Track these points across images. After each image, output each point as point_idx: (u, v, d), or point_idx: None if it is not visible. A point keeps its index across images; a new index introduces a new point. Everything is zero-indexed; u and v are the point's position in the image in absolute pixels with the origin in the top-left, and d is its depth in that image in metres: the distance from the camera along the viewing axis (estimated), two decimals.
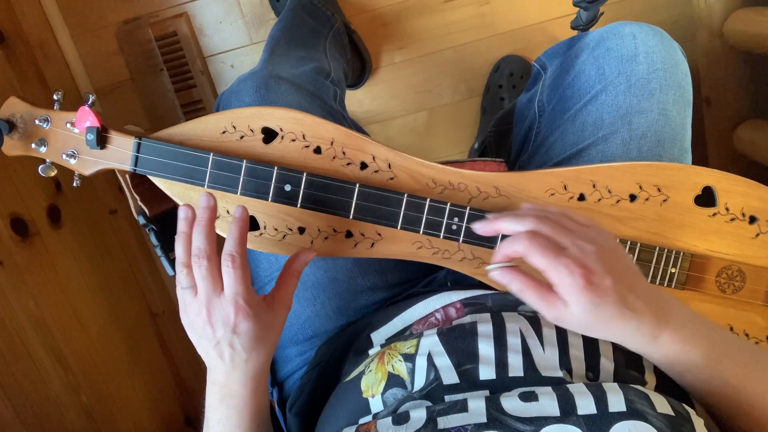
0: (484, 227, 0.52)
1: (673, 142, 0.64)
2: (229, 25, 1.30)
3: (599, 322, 0.47)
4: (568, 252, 0.46)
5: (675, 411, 0.41)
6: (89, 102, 0.58)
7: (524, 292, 0.48)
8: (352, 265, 0.69)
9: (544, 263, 0.46)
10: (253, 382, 0.55)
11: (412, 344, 0.52)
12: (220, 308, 0.52)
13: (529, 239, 0.47)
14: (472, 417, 0.42)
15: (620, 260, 0.48)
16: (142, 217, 0.64)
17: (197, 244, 0.52)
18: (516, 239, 0.48)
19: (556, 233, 0.48)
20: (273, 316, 0.55)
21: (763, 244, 0.60)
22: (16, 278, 0.97)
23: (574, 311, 0.46)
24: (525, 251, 0.47)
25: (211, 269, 0.52)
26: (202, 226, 0.53)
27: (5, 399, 0.89)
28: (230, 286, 0.52)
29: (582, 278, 0.45)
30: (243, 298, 0.52)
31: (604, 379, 0.49)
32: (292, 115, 0.59)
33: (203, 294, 0.52)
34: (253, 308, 0.53)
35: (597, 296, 0.45)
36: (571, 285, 0.45)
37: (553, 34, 1.27)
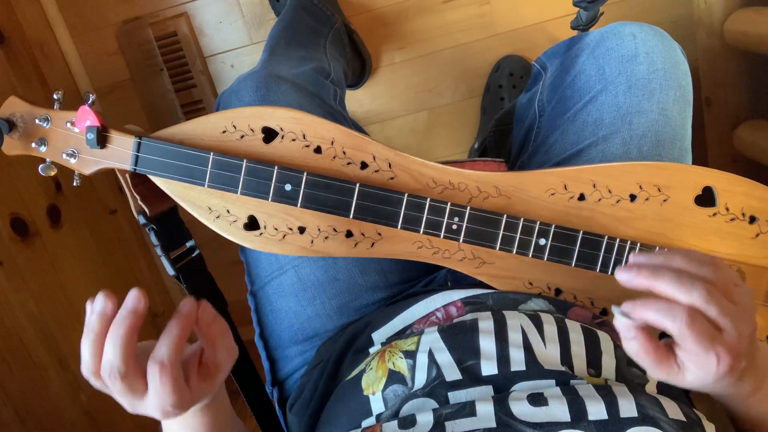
0: (634, 279, 0.44)
1: (673, 142, 0.64)
2: (229, 25, 1.30)
3: (707, 388, 0.44)
4: (724, 337, 0.41)
5: (686, 416, 0.41)
6: (89, 101, 0.58)
7: (638, 356, 0.43)
8: (352, 265, 0.69)
9: (696, 350, 0.41)
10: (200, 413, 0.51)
11: (413, 341, 0.52)
12: (147, 412, 0.44)
13: (690, 325, 0.40)
14: (481, 422, 0.41)
15: (755, 333, 0.44)
16: (142, 217, 0.63)
17: (109, 358, 0.42)
18: (672, 315, 0.40)
19: (721, 314, 0.41)
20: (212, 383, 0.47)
21: (763, 244, 0.60)
22: (16, 278, 0.97)
23: (689, 378, 0.43)
24: (679, 334, 0.41)
25: (127, 386, 0.42)
26: (117, 336, 0.42)
27: (5, 399, 0.89)
28: (156, 399, 0.42)
29: (728, 367, 0.41)
30: (171, 405, 0.43)
31: (606, 376, 0.49)
32: (293, 114, 0.59)
33: (123, 402, 0.45)
34: (185, 405, 0.44)
35: (726, 377, 0.42)
36: (711, 370, 0.41)
37: (553, 34, 1.27)
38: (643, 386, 0.50)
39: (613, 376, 0.49)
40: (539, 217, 0.59)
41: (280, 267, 0.69)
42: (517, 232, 0.58)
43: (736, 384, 0.44)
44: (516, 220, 0.58)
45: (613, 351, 0.51)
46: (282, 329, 0.71)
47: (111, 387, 0.43)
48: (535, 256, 0.59)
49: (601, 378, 0.48)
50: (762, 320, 0.62)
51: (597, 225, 0.59)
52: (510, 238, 0.59)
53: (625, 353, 0.51)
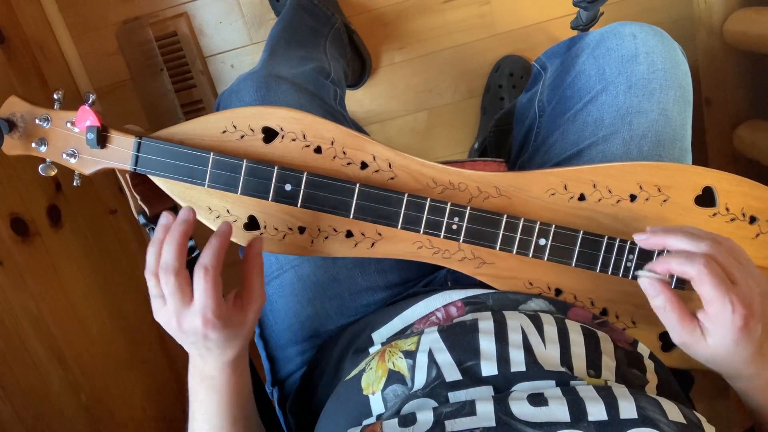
0: (649, 239, 0.50)
1: (673, 142, 0.64)
2: (229, 25, 1.30)
3: (727, 358, 0.47)
4: (738, 288, 0.45)
5: (687, 419, 0.41)
6: (89, 101, 0.58)
7: (666, 311, 0.47)
8: (352, 265, 0.69)
9: (713, 294, 0.45)
10: (228, 367, 0.56)
11: (413, 341, 0.52)
12: (189, 320, 0.51)
13: (706, 265, 0.45)
14: (481, 421, 0.41)
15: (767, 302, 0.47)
16: (142, 217, 0.63)
17: (165, 258, 0.51)
18: (691, 260, 0.45)
19: (731, 265, 0.46)
20: (244, 316, 0.55)
21: (763, 244, 0.60)
22: (16, 278, 0.97)
23: (710, 343, 0.46)
24: (698, 276, 0.45)
25: (178, 284, 0.50)
26: (174, 238, 0.51)
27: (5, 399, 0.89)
28: (199, 300, 0.50)
29: (742, 319, 0.44)
30: (212, 312, 0.50)
31: (606, 377, 0.49)
32: (293, 114, 0.59)
33: (171, 306, 0.51)
34: (222, 318, 0.51)
35: (744, 338, 0.45)
36: (728, 321, 0.44)
37: (553, 34, 1.27)
38: (643, 387, 0.50)
39: (613, 377, 0.49)
40: (539, 218, 0.59)
41: (280, 267, 0.69)
42: (518, 232, 0.58)
43: (756, 358, 0.46)
44: (516, 220, 0.58)
45: (613, 352, 0.51)
46: (282, 329, 0.71)
47: (165, 285, 0.50)
48: (535, 256, 0.59)
49: (601, 379, 0.48)
50: None
51: (597, 225, 0.59)
52: (510, 238, 0.59)
53: (624, 354, 0.51)
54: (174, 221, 0.53)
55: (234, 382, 0.57)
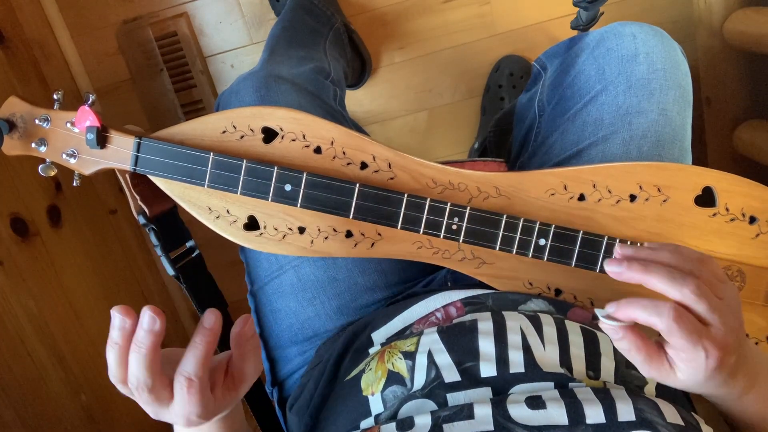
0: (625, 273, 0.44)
1: (673, 142, 0.64)
2: (229, 25, 1.30)
3: (699, 387, 0.45)
4: (711, 331, 0.42)
5: (685, 421, 0.41)
6: (89, 101, 0.58)
7: (630, 353, 0.44)
8: (352, 265, 0.69)
9: (683, 344, 0.41)
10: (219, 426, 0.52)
11: (413, 342, 0.52)
12: (168, 418, 0.46)
13: (677, 320, 0.41)
14: (479, 424, 0.41)
15: (743, 329, 0.45)
16: (142, 217, 0.63)
17: (135, 374, 0.43)
18: (659, 312, 0.41)
19: (708, 310, 0.42)
20: (235, 396, 0.49)
21: (763, 244, 0.60)
22: (16, 278, 0.97)
23: (680, 377, 0.44)
24: (667, 330, 0.41)
25: (155, 395, 0.44)
26: (142, 353, 0.43)
27: (5, 399, 0.89)
28: (181, 408, 0.44)
29: (717, 362, 0.42)
30: (196, 416, 0.45)
31: (605, 378, 0.49)
32: (293, 114, 0.59)
33: (149, 411, 0.46)
34: (209, 415, 0.46)
35: (716, 372, 0.42)
36: (700, 365, 0.42)
37: (553, 34, 1.27)
38: (641, 388, 0.50)
39: (612, 379, 0.49)
40: (539, 218, 0.59)
41: (280, 267, 0.69)
42: (517, 233, 0.58)
43: (728, 382, 0.44)
44: (516, 221, 0.58)
45: (612, 353, 0.51)
46: (282, 329, 0.71)
47: (138, 397, 0.44)
48: (534, 256, 0.59)
49: (600, 381, 0.48)
50: (762, 320, 0.62)
51: (597, 225, 0.59)
52: (510, 238, 0.59)
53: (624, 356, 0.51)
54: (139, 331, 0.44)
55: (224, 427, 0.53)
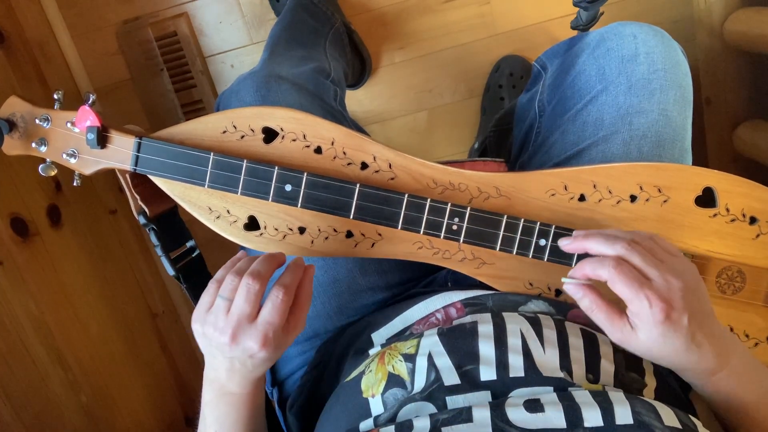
0: (571, 244, 0.53)
1: (673, 142, 0.64)
2: (229, 25, 1.30)
3: (662, 350, 0.48)
4: (653, 284, 0.47)
5: (682, 423, 0.41)
6: (89, 101, 0.58)
7: (593, 311, 0.49)
8: (353, 265, 0.69)
9: (627, 293, 0.47)
10: (252, 385, 0.56)
11: (413, 344, 0.52)
12: (247, 336, 0.50)
13: (616, 267, 0.47)
14: (477, 428, 0.41)
15: (699, 298, 0.49)
16: (142, 217, 0.63)
17: (259, 267, 0.51)
18: (602, 264, 0.48)
19: (645, 263, 0.48)
20: (287, 340, 0.54)
21: (764, 245, 0.60)
22: (16, 278, 0.97)
23: (641, 338, 0.47)
24: (609, 278, 0.47)
25: (260, 292, 0.50)
26: (269, 260, 0.53)
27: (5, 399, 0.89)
28: (269, 314, 0.50)
29: (662, 313, 0.46)
30: (273, 332, 0.50)
31: (604, 381, 0.49)
32: (293, 114, 0.59)
33: (236, 314, 0.50)
34: (277, 341, 0.51)
35: (670, 330, 0.46)
36: (648, 317, 0.46)
37: (553, 34, 1.27)
38: (640, 391, 0.50)
39: (612, 382, 0.49)
40: (539, 218, 0.59)
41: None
42: (518, 233, 0.58)
43: (691, 348, 0.47)
44: (516, 221, 0.58)
45: (612, 356, 0.51)
46: None
47: (245, 291, 0.50)
48: (535, 256, 0.59)
49: (599, 384, 0.48)
50: (762, 320, 0.62)
51: (597, 226, 0.59)
52: (510, 238, 0.59)
53: (623, 357, 0.51)
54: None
55: (253, 399, 0.57)
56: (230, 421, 0.56)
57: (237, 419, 0.56)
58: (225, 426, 0.56)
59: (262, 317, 0.50)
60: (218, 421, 0.56)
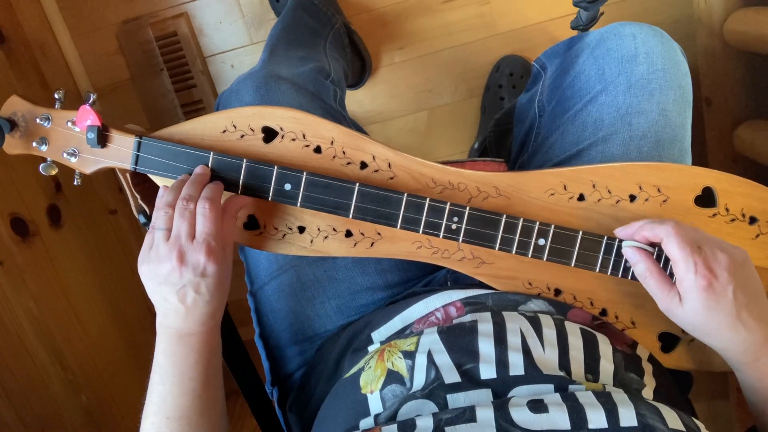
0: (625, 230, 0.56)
1: (673, 142, 0.64)
2: (229, 25, 1.30)
3: (707, 325, 0.50)
4: (703, 253, 0.50)
5: (686, 426, 0.41)
6: (90, 101, 0.58)
7: (647, 277, 0.53)
8: (352, 265, 0.69)
9: (678, 253, 0.50)
10: (211, 320, 0.56)
11: (412, 342, 0.52)
12: (192, 252, 0.52)
13: (675, 227, 0.51)
14: (481, 427, 0.41)
15: (747, 276, 0.51)
16: (142, 216, 0.64)
17: (188, 191, 0.54)
18: (662, 224, 0.52)
19: (696, 235, 0.51)
20: (227, 255, 0.56)
21: (763, 244, 0.60)
22: (16, 278, 0.97)
23: (686, 308, 0.50)
24: (666, 236, 0.51)
25: (193, 214, 0.53)
26: (195, 181, 0.55)
27: (5, 399, 0.89)
28: (204, 227, 0.53)
29: (705, 280, 0.49)
30: (214, 239, 0.53)
31: (603, 381, 0.49)
32: (293, 114, 0.59)
33: (177, 236, 0.52)
34: (220, 251, 0.54)
35: (713, 301, 0.48)
36: (693, 283, 0.49)
37: (553, 34, 1.27)
38: (639, 392, 0.50)
39: (611, 381, 0.49)
40: (539, 218, 0.59)
41: (280, 267, 0.69)
42: (517, 233, 0.58)
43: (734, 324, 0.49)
44: (515, 221, 0.58)
45: (612, 355, 0.51)
46: (282, 329, 0.71)
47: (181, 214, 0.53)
48: (534, 256, 0.59)
49: (599, 383, 0.48)
50: None
51: (596, 225, 0.59)
52: (509, 238, 0.59)
53: (623, 358, 0.51)
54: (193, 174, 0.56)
55: (213, 338, 0.57)
56: (189, 364, 0.55)
57: (197, 360, 0.55)
58: (183, 371, 0.54)
59: (199, 230, 0.53)
60: (176, 365, 0.54)
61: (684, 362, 0.62)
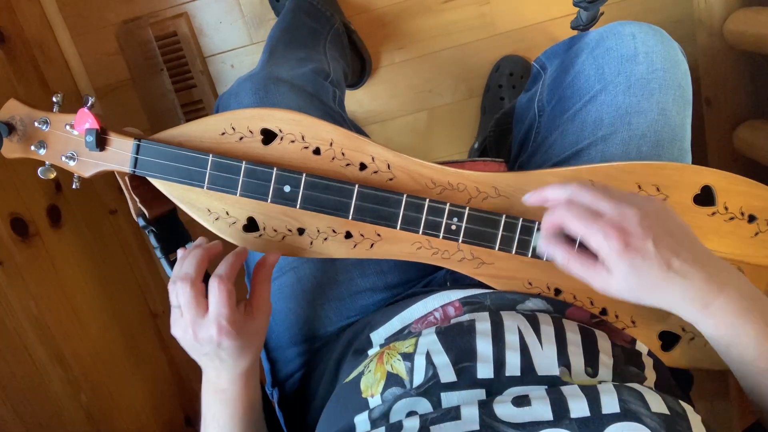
0: (533, 196, 0.55)
1: (672, 142, 0.64)
2: (229, 25, 1.30)
3: (643, 287, 0.48)
4: (605, 217, 0.48)
5: (670, 409, 0.41)
6: (88, 104, 0.58)
7: (569, 262, 0.51)
8: (352, 266, 0.69)
9: (580, 228, 0.48)
10: (241, 379, 0.58)
11: (411, 343, 0.52)
12: (204, 330, 0.53)
13: (566, 207, 0.49)
14: (465, 425, 0.42)
15: (666, 223, 0.48)
16: (141, 219, 0.64)
17: (185, 269, 0.54)
18: (554, 209, 0.50)
19: (595, 200, 0.49)
20: (255, 324, 0.57)
21: (762, 243, 0.60)
22: (16, 278, 0.97)
23: (617, 277, 0.47)
24: (562, 218, 0.49)
25: (194, 293, 0.53)
26: (195, 254, 0.55)
27: (5, 399, 0.89)
28: (214, 307, 0.53)
29: (618, 241, 0.46)
30: (226, 319, 0.53)
31: (603, 376, 0.49)
32: (292, 116, 0.59)
33: (188, 316, 0.53)
34: (236, 326, 0.54)
35: (637, 259, 0.46)
36: (608, 249, 0.46)
37: (553, 34, 1.27)
38: (641, 384, 0.50)
39: (611, 376, 0.49)
40: (538, 218, 0.59)
41: (280, 269, 0.69)
42: (516, 233, 0.58)
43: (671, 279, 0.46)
44: (515, 221, 0.58)
45: (611, 349, 0.51)
46: (282, 330, 0.71)
47: (181, 294, 0.53)
48: (534, 256, 0.59)
49: (597, 378, 0.48)
50: None
51: None
52: (509, 238, 0.59)
53: (622, 351, 0.51)
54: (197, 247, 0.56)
55: (246, 394, 0.58)
56: (225, 418, 0.58)
57: (232, 415, 0.58)
58: (221, 423, 0.58)
59: (210, 309, 0.53)
60: (215, 419, 0.58)
61: (684, 361, 0.62)
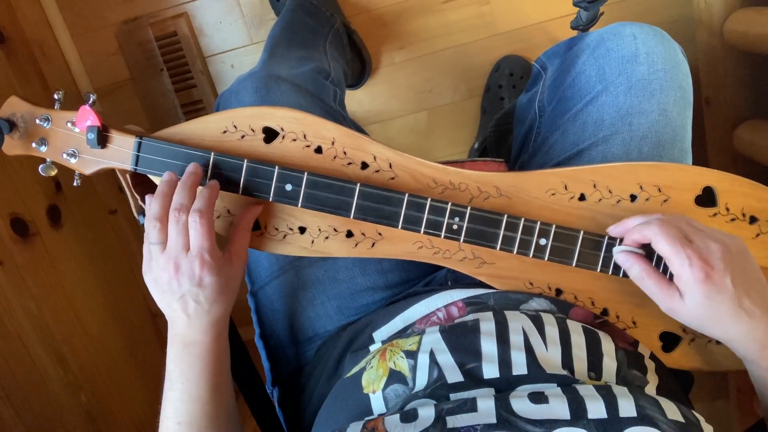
0: (617, 228, 0.56)
1: (673, 142, 0.64)
2: (229, 25, 1.30)
3: (711, 318, 0.50)
4: (693, 245, 0.49)
5: (685, 418, 0.42)
6: (90, 101, 0.58)
7: (643, 279, 0.52)
8: (353, 265, 0.69)
9: (669, 250, 0.49)
10: (213, 329, 0.57)
11: (414, 341, 0.52)
12: (186, 263, 0.53)
13: (660, 226, 0.50)
14: (482, 417, 0.42)
15: (744, 264, 0.50)
16: (142, 217, 0.63)
17: (179, 200, 0.53)
18: (647, 224, 0.51)
19: (687, 228, 0.51)
20: (232, 269, 0.57)
21: (763, 244, 0.60)
22: (16, 278, 0.97)
23: (688, 303, 0.50)
24: (653, 235, 0.50)
25: (186, 225, 0.53)
26: (186, 185, 0.54)
27: (5, 399, 0.89)
28: (197, 241, 0.53)
29: (702, 272, 0.48)
30: (208, 253, 0.53)
31: (606, 379, 0.49)
32: (293, 114, 0.59)
33: (172, 249, 0.53)
34: (217, 263, 0.54)
35: (713, 292, 0.48)
36: (690, 275, 0.48)
37: (553, 34, 1.27)
38: (642, 388, 0.50)
39: (614, 379, 0.49)
40: (540, 217, 0.59)
41: (281, 267, 0.69)
42: (518, 232, 0.58)
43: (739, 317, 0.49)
44: (516, 220, 0.58)
45: (614, 353, 0.51)
46: (282, 329, 0.71)
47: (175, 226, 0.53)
48: (535, 256, 0.59)
49: (602, 381, 0.48)
50: None
51: (597, 225, 0.59)
52: (511, 238, 0.59)
53: (625, 355, 0.51)
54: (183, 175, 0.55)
55: (217, 347, 0.57)
56: (195, 372, 0.56)
57: (202, 369, 0.56)
58: (190, 378, 0.56)
59: (192, 243, 0.53)
60: (183, 374, 0.56)
61: (684, 362, 0.62)
